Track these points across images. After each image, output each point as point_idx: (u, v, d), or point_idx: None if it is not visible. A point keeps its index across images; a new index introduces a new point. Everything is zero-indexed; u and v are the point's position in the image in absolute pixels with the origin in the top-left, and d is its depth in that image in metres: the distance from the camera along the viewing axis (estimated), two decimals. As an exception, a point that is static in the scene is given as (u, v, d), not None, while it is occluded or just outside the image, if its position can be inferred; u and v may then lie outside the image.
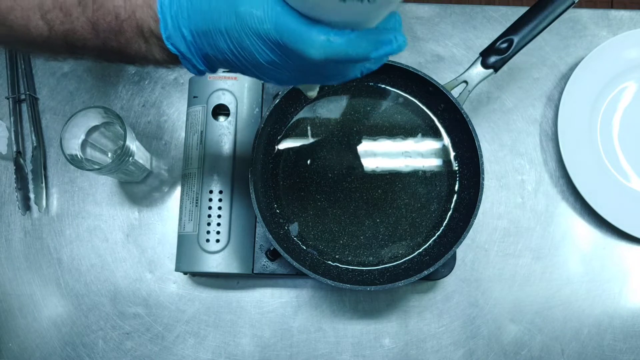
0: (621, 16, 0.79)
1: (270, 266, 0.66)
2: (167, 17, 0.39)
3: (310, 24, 0.34)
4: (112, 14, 0.40)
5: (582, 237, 0.73)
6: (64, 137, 0.63)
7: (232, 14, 0.36)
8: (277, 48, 0.36)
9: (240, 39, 0.37)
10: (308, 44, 0.34)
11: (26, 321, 0.71)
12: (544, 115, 0.76)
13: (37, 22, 0.41)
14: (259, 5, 0.35)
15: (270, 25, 0.35)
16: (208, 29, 0.38)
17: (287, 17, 0.34)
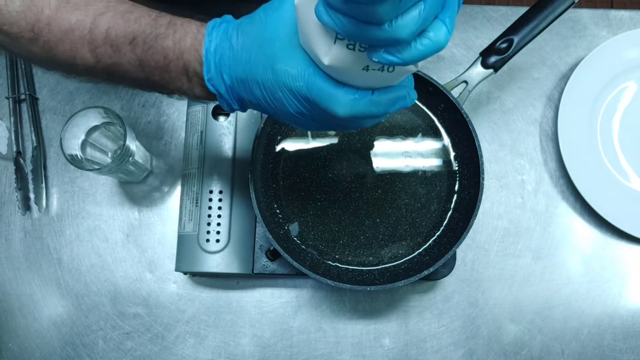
0: (621, 16, 0.79)
1: (270, 266, 0.66)
2: (211, 62, 0.43)
3: (338, 85, 0.38)
4: (160, 54, 0.44)
5: (582, 237, 0.73)
6: (64, 137, 0.63)
7: (269, 68, 0.40)
8: (306, 102, 0.40)
9: (274, 90, 0.41)
10: (335, 104, 0.39)
11: (26, 321, 0.71)
12: (544, 115, 0.76)
13: (84, 55, 0.44)
14: (294, 65, 0.39)
15: (303, 84, 0.39)
16: (246, 77, 0.42)
17: (318, 78, 0.38)
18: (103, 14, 0.44)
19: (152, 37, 0.44)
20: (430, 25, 0.33)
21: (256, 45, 0.41)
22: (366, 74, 0.37)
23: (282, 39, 0.39)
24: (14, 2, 0.43)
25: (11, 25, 0.44)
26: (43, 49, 0.45)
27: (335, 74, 0.38)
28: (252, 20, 0.42)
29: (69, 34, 0.44)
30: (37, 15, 0.43)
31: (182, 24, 0.44)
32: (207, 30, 0.44)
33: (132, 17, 0.44)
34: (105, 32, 0.44)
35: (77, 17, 0.43)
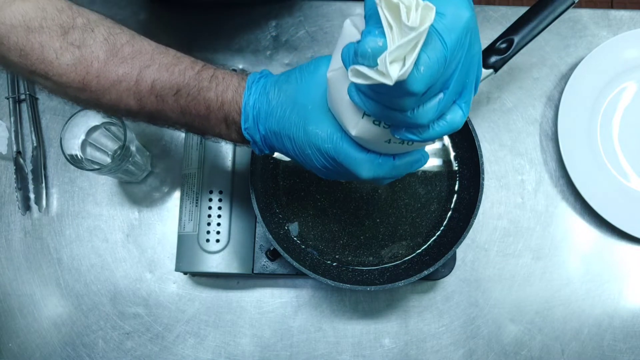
0: (621, 16, 0.79)
1: (270, 266, 0.66)
2: (249, 114, 0.46)
3: (362, 151, 0.42)
4: (203, 105, 0.47)
5: (582, 237, 0.73)
6: (64, 137, 0.63)
7: (301, 128, 0.44)
8: (332, 161, 0.44)
9: (304, 147, 0.45)
10: (360, 167, 0.43)
11: (26, 321, 0.71)
12: (544, 115, 0.76)
13: (128, 102, 0.47)
14: (324, 129, 0.43)
15: (331, 146, 0.43)
16: (279, 131, 0.45)
17: (345, 143, 0.42)
18: (149, 67, 0.46)
19: (196, 90, 0.47)
20: (448, 109, 0.37)
21: (290, 104, 0.45)
22: (388, 145, 0.41)
23: (314, 102, 0.43)
24: (64, 55, 0.45)
25: (60, 76, 0.45)
26: (90, 97, 0.47)
27: (360, 142, 0.42)
28: (288, 79, 0.46)
29: (116, 85, 0.46)
30: (87, 68, 0.45)
31: (223, 77, 0.48)
32: (247, 84, 0.47)
33: (177, 70, 0.47)
34: (151, 84, 0.46)
35: (124, 69, 0.46)
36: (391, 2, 0.31)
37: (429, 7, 0.31)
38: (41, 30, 0.44)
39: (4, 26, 0.44)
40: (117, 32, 0.47)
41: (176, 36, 0.78)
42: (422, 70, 0.32)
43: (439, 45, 0.33)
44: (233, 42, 0.77)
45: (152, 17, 0.78)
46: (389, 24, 0.32)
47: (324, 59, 0.45)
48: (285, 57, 0.77)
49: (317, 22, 0.78)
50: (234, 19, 0.77)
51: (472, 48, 0.36)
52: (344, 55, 0.37)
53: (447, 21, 0.33)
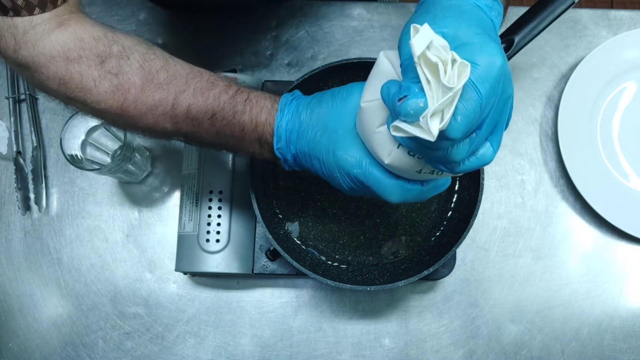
0: (621, 16, 0.79)
1: (270, 266, 0.66)
2: (282, 135, 0.48)
3: (391, 177, 0.44)
4: (238, 128, 0.49)
5: (582, 237, 0.73)
6: (64, 137, 0.64)
7: (330, 152, 0.46)
8: (360, 184, 0.46)
9: (333, 170, 0.47)
10: (389, 193, 0.45)
11: (26, 321, 0.71)
12: (544, 115, 0.76)
13: (165, 125, 0.49)
14: (353, 155, 0.45)
15: (360, 171, 0.45)
16: (309, 152, 0.48)
17: (374, 169, 0.44)
18: (184, 92, 0.48)
19: (231, 113, 0.49)
20: (480, 145, 0.40)
21: (321, 128, 0.46)
22: (418, 174, 0.43)
23: (344, 128, 0.45)
24: (103, 83, 0.46)
25: (99, 103, 0.47)
26: (127, 121, 0.49)
27: (391, 169, 0.43)
28: (320, 103, 0.48)
29: (152, 110, 0.47)
30: (125, 94, 0.46)
31: (257, 100, 0.49)
32: (280, 107, 0.49)
33: (212, 94, 0.48)
34: (187, 108, 0.48)
35: (160, 95, 0.47)
36: (429, 60, 0.34)
37: (464, 64, 0.34)
38: (80, 60, 0.45)
39: (43, 56, 0.45)
40: (152, 57, 0.48)
41: (176, 36, 0.78)
42: (459, 120, 0.35)
43: (474, 96, 0.35)
44: (233, 41, 0.77)
45: (152, 17, 0.78)
46: (427, 80, 0.34)
47: (356, 87, 0.46)
48: (285, 57, 0.77)
49: (317, 22, 0.78)
50: (234, 19, 0.77)
51: (505, 92, 0.38)
52: (383, 94, 0.38)
53: (480, 71, 0.36)
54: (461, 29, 0.38)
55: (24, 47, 0.44)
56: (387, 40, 0.77)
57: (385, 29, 0.78)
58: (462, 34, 0.38)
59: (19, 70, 0.47)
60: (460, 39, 0.38)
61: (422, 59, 0.34)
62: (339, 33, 0.78)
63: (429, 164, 0.41)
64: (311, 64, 0.77)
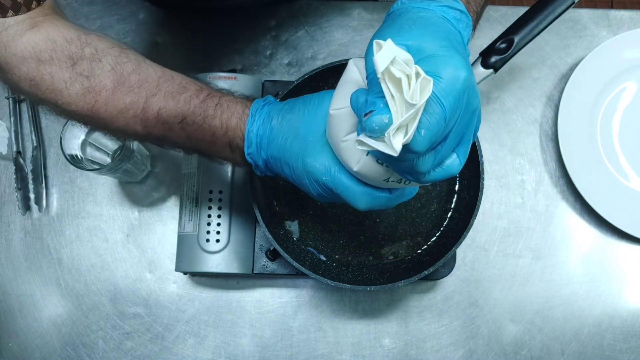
0: (621, 16, 0.79)
1: (270, 266, 0.66)
2: (252, 140, 0.48)
3: (360, 184, 0.44)
4: (208, 132, 0.49)
5: (582, 237, 0.73)
6: (64, 137, 0.63)
7: (300, 159, 0.46)
8: (329, 191, 0.46)
9: (302, 177, 0.46)
10: (357, 200, 0.45)
11: (26, 321, 0.71)
12: (544, 115, 0.76)
13: (135, 129, 0.49)
14: (322, 162, 0.45)
15: (328, 178, 0.45)
16: (279, 158, 0.47)
17: (342, 176, 0.44)
18: (154, 95, 0.48)
19: (201, 118, 0.48)
20: (446, 157, 0.40)
21: (292, 135, 0.46)
22: (386, 182, 0.43)
23: (314, 135, 0.45)
24: (74, 85, 0.46)
25: (70, 105, 0.47)
26: (98, 123, 0.49)
27: (359, 177, 0.44)
28: (292, 109, 0.48)
29: (123, 113, 0.47)
30: (95, 97, 0.47)
31: (228, 105, 0.49)
32: (252, 112, 0.49)
33: (182, 98, 0.48)
34: (157, 112, 0.48)
35: (131, 98, 0.47)
36: (393, 75, 0.34)
37: (426, 79, 0.34)
38: (51, 61, 0.45)
39: (15, 57, 0.45)
40: (124, 60, 0.48)
41: (175, 36, 0.78)
42: (423, 133, 0.35)
43: (438, 109, 0.35)
44: (233, 41, 0.77)
45: (151, 17, 0.78)
46: (391, 95, 0.35)
47: (328, 94, 0.46)
48: (285, 57, 0.77)
49: (316, 22, 0.78)
50: (234, 19, 0.77)
51: (470, 104, 0.38)
52: (352, 103, 0.39)
53: (444, 84, 0.36)
54: (426, 42, 0.39)
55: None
56: (387, 40, 0.77)
57: (385, 29, 0.77)
58: (427, 46, 0.38)
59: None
60: (424, 51, 0.38)
61: (385, 74, 0.35)
62: (339, 33, 0.78)
63: (396, 173, 0.41)
64: (311, 63, 0.76)
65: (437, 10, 0.42)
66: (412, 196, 0.48)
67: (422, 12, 0.42)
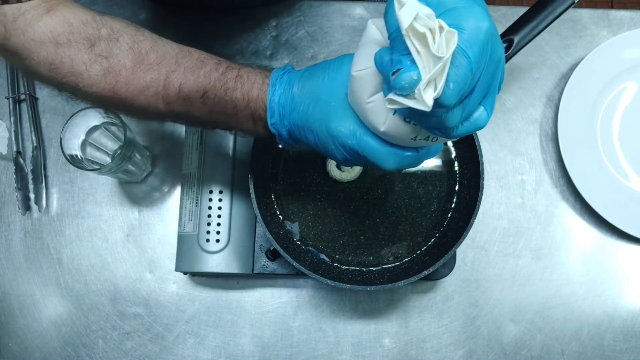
0: (621, 16, 0.79)
1: (270, 266, 0.66)
2: (275, 110, 0.48)
3: (386, 144, 0.44)
4: (230, 105, 0.49)
5: (582, 237, 0.73)
6: (64, 137, 0.63)
7: (323, 124, 0.46)
8: (354, 154, 0.45)
9: (327, 142, 0.46)
10: (384, 161, 0.44)
11: (26, 321, 0.71)
12: (544, 115, 0.76)
13: (157, 106, 0.49)
14: (347, 126, 0.44)
15: (354, 142, 0.44)
16: (303, 125, 0.47)
17: (369, 138, 0.44)
18: (174, 72, 0.48)
19: (222, 90, 0.48)
20: (474, 109, 0.40)
21: (313, 100, 0.46)
22: (413, 141, 0.43)
23: (336, 99, 0.45)
24: (93, 67, 0.46)
25: (90, 87, 0.47)
26: (119, 103, 0.48)
27: (385, 137, 0.43)
28: (312, 76, 0.47)
29: (144, 91, 0.47)
30: (116, 77, 0.46)
31: (248, 76, 0.49)
32: (271, 81, 0.49)
33: (202, 73, 0.48)
34: (178, 88, 0.48)
35: (151, 76, 0.47)
36: (417, 31, 0.34)
37: (451, 32, 0.34)
38: (69, 44, 0.45)
39: (33, 42, 0.45)
40: (141, 39, 0.48)
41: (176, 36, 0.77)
42: (451, 87, 0.35)
43: (464, 61, 0.35)
44: (233, 42, 0.77)
45: (152, 17, 0.78)
46: (417, 51, 0.35)
47: (347, 58, 0.46)
48: (285, 57, 0.77)
49: (317, 22, 0.78)
50: (234, 19, 0.77)
51: (495, 54, 0.38)
52: (377, 62, 0.39)
53: (468, 35, 0.36)
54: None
55: (14, 34, 0.44)
56: (387, 40, 0.77)
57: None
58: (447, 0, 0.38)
59: (9, 57, 0.47)
60: (445, 5, 0.37)
61: (409, 31, 0.34)
62: (339, 33, 0.78)
63: (424, 130, 0.41)
64: (311, 63, 0.75)
65: None
66: (437, 153, 0.48)
67: None
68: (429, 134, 0.42)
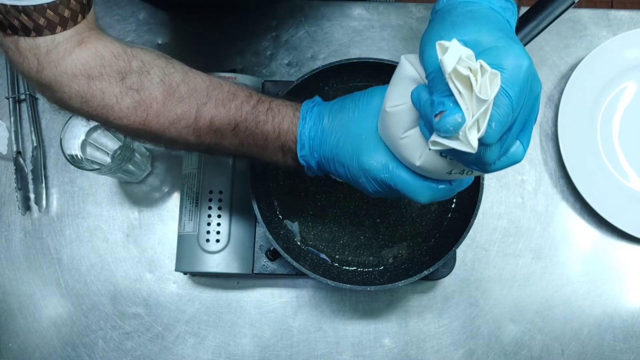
0: (621, 16, 0.79)
1: (270, 266, 0.66)
2: (305, 143, 0.49)
3: (419, 178, 0.44)
4: (261, 137, 0.49)
5: (582, 237, 0.73)
6: (64, 137, 0.64)
7: (355, 158, 0.46)
8: (387, 187, 0.45)
9: (358, 176, 0.46)
10: (419, 194, 0.44)
11: (26, 321, 0.71)
12: (544, 115, 0.76)
13: (188, 138, 0.49)
14: (378, 160, 0.45)
15: (387, 175, 0.45)
16: (333, 158, 0.48)
17: (401, 171, 0.44)
18: (205, 104, 0.48)
19: (253, 124, 0.49)
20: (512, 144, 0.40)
21: (344, 133, 0.47)
22: (449, 175, 0.43)
23: (367, 133, 0.45)
24: (125, 100, 0.46)
25: (121, 119, 0.47)
26: (150, 136, 0.49)
27: (419, 171, 0.43)
28: (342, 108, 0.48)
29: (175, 124, 0.47)
30: (147, 109, 0.46)
31: (279, 109, 0.50)
32: (302, 114, 0.49)
33: (233, 106, 0.48)
34: (209, 121, 0.48)
35: (182, 108, 0.47)
36: (460, 74, 0.35)
37: (494, 73, 0.34)
38: (101, 77, 0.45)
39: (65, 75, 0.45)
40: (172, 71, 0.48)
41: (176, 36, 0.78)
42: (494, 126, 0.36)
43: (505, 101, 0.36)
44: (233, 42, 0.77)
45: (152, 17, 0.78)
46: (459, 92, 0.35)
47: (377, 90, 0.46)
48: (285, 57, 0.77)
49: (317, 22, 0.78)
50: (234, 19, 0.77)
51: (533, 91, 0.38)
52: (414, 100, 0.39)
53: (509, 75, 0.36)
54: (482, 34, 0.39)
55: (47, 67, 0.44)
56: (387, 40, 0.77)
57: (385, 29, 0.78)
58: (484, 39, 0.38)
59: (40, 89, 0.47)
60: (483, 44, 0.38)
61: (453, 74, 0.35)
62: (339, 33, 0.78)
63: (460, 164, 0.41)
64: (311, 63, 0.77)
65: (483, 2, 0.42)
66: (470, 183, 0.48)
67: (470, 6, 0.42)
68: (465, 168, 0.42)
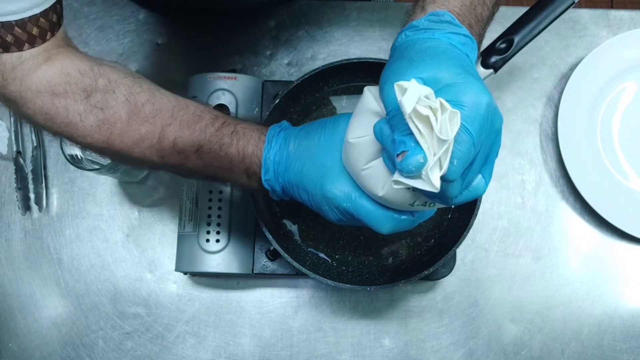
0: (621, 16, 0.79)
1: (270, 266, 0.66)
2: (269, 167, 0.49)
3: (382, 208, 0.43)
4: (225, 160, 0.49)
5: (582, 237, 0.73)
6: (64, 137, 0.63)
7: (318, 186, 0.45)
8: (349, 216, 0.45)
9: (321, 203, 0.46)
10: (380, 224, 0.44)
11: (26, 321, 0.71)
12: (544, 115, 0.76)
13: (152, 158, 0.49)
14: (342, 188, 0.44)
15: (350, 205, 0.44)
16: (297, 184, 0.47)
17: (364, 201, 0.44)
18: (170, 125, 0.48)
19: (217, 146, 0.49)
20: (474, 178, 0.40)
21: (309, 161, 0.46)
22: (411, 206, 0.42)
23: (332, 161, 0.45)
24: (88, 118, 0.46)
25: (85, 137, 0.47)
26: (114, 154, 0.49)
27: (382, 202, 0.43)
28: (308, 134, 0.48)
29: (139, 144, 0.47)
30: (111, 128, 0.46)
31: (244, 132, 0.50)
32: (268, 138, 0.49)
33: (198, 127, 0.48)
34: (173, 142, 0.48)
35: (146, 128, 0.47)
36: (420, 114, 0.34)
37: (453, 112, 0.35)
38: (65, 94, 0.45)
39: (30, 91, 0.45)
40: (138, 90, 0.47)
41: (175, 36, 0.78)
42: (455, 163, 0.36)
43: (466, 137, 0.36)
44: (233, 41, 0.77)
45: (152, 17, 0.78)
46: (420, 132, 0.35)
47: (343, 118, 0.46)
48: (285, 57, 0.77)
49: (317, 22, 0.78)
50: (234, 19, 0.77)
51: (494, 126, 0.39)
52: (377, 135, 0.39)
53: (468, 112, 0.36)
54: (441, 71, 0.39)
55: (12, 83, 0.44)
56: (387, 40, 0.77)
57: (384, 29, 0.78)
58: (443, 75, 0.38)
59: (6, 103, 0.47)
60: (442, 81, 0.38)
61: (413, 115, 0.35)
62: (339, 33, 0.78)
63: (423, 196, 0.41)
64: (311, 63, 0.77)
65: (442, 38, 0.42)
66: (431, 215, 0.47)
67: (429, 42, 0.42)
68: (427, 200, 0.42)
